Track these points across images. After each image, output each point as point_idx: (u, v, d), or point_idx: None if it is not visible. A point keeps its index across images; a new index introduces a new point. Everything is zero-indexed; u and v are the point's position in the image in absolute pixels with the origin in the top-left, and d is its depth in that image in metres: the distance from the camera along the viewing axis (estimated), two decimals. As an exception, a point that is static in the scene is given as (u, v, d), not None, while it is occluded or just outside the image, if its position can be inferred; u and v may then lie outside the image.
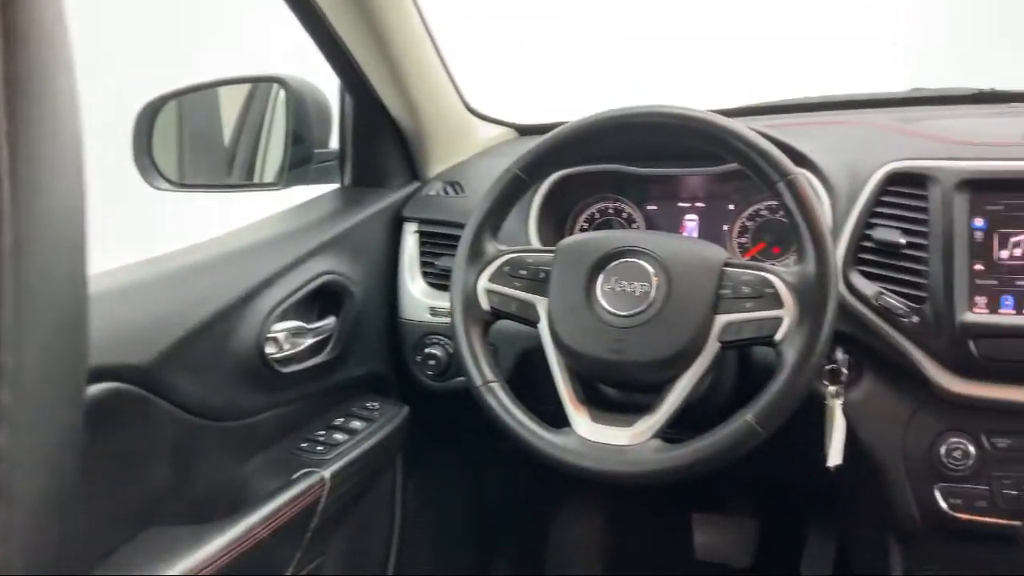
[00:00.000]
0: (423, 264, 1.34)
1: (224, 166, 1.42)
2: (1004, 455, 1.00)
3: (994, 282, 0.99)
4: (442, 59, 1.39)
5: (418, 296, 1.33)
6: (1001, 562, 1.04)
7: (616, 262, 1.00)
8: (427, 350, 1.31)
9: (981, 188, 1.00)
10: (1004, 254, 0.99)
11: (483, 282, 1.05)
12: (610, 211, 1.36)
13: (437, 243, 1.33)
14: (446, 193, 1.37)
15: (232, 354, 1.04)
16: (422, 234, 1.35)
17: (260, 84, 1.38)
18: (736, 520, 1.70)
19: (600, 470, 0.95)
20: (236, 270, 1.09)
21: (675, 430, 0.95)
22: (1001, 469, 1.00)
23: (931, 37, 1.91)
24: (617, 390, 1.11)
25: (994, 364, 0.97)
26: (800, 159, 1.11)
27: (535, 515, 1.80)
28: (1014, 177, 1.00)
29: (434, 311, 1.31)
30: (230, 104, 1.42)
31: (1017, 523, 0.94)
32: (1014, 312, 0.98)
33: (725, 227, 1.29)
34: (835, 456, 1.02)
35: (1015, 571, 0.94)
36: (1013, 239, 0.99)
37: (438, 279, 1.32)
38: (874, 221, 1.05)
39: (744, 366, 1.12)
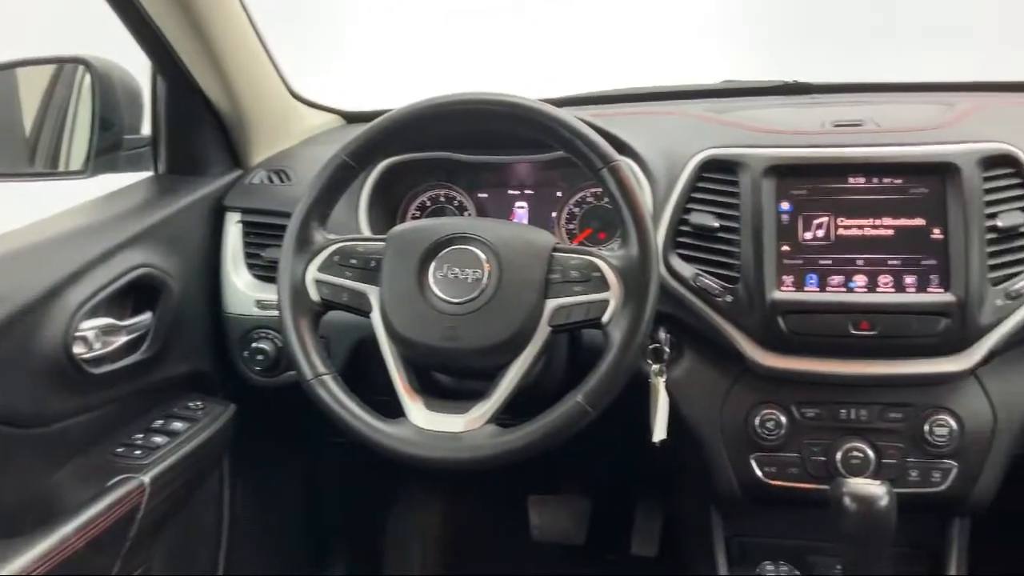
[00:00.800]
0: (248, 256, 1.29)
1: (25, 153, 1.31)
2: (812, 424, 1.08)
3: (799, 261, 1.06)
4: (263, 42, 1.34)
5: (243, 289, 1.27)
6: (813, 525, 1.11)
7: (448, 249, 1.00)
8: (255, 345, 1.26)
9: (786, 174, 1.07)
10: (808, 235, 1.06)
11: (312, 272, 1.02)
12: (441, 199, 1.36)
13: (262, 233, 1.28)
14: (271, 181, 1.32)
15: (36, 355, 0.97)
16: (246, 224, 1.30)
17: (65, 65, 1.28)
18: (570, 500, 1.75)
19: (436, 458, 0.95)
20: (38, 265, 1.01)
21: (510, 415, 0.96)
22: (810, 437, 1.08)
23: (742, 32, 2.02)
24: (452, 377, 1.11)
25: (801, 338, 1.04)
26: (622, 147, 1.15)
27: (372, 509, 1.78)
28: (816, 163, 1.07)
29: (261, 304, 1.26)
30: (31, 87, 1.31)
31: (825, 487, 1.01)
32: (817, 289, 1.05)
33: (553, 214, 1.32)
34: (659, 432, 1.06)
35: (827, 532, 1.01)
36: (816, 221, 1.06)
37: (264, 271, 1.27)
38: (691, 206, 1.10)
39: (574, 349, 1.15)
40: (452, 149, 1.30)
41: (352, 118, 1.57)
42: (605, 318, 0.95)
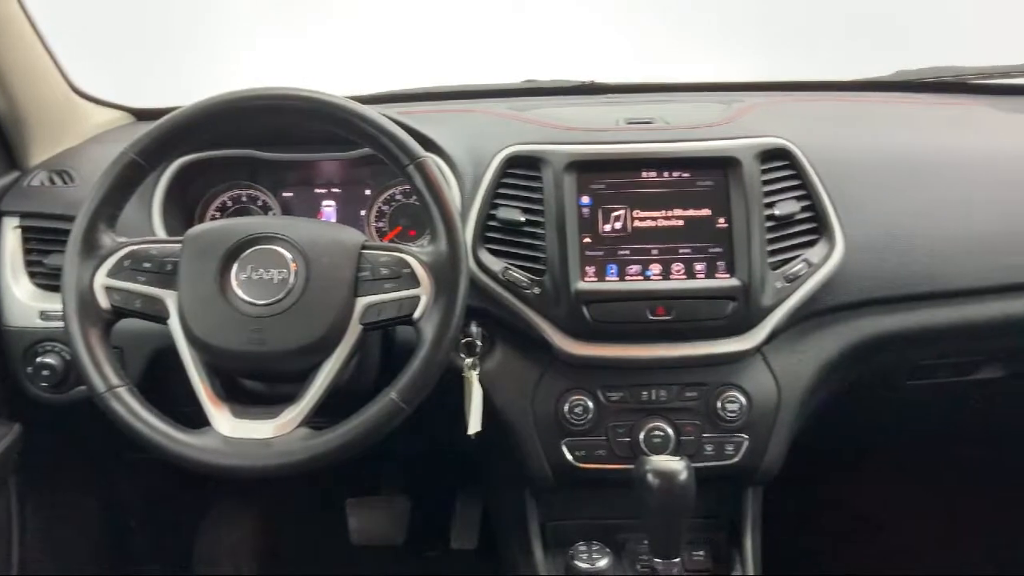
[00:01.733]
0: (29, 264, 1.19)
1: None
2: (617, 407, 1.13)
3: (600, 253, 1.10)
4: (40, 36, 1.24)
5: (24, 300, 1.18)
6: (622, 504, 1.16)
7: (251, 249, 0.97)
8: (40, 359, 1.17)
9: (585, 169, 1.11)
10: (607, 227, 1.11)
11: (100, 278, 0.96)
12: (244, 198, 1.31)
13: (44, 239, 1.19)
14: (52, 183, 1.23)
15: None
16: (25, 230, 1.20)
17: None
18: (389, 501, 1.74)
19: (244, 466, 0.91)
20: None
21: (325, 417, 0.94)
22: (615, 420, 1.13)
23: (541, 34, 2.09)
24: (261, 382, 1.07)
25: (604, 326, 1.09)
26: (428, 144, 1.15)
27: (180, 525, 1.69)
28: (612, 159, 1.12)
29: (45, 315, 1.17)
30: None
31: (630, 466, 1.06)
32: (617, 278, 1.10)
33: (362, 212, 1.31)
34: (475, 424, 1.08)
35: (634, 509, 1.06)
36: (614, 214, 1.11)
37: (48, 279, 1.18)
38: (497, 201, 1.13)
39: (387, 347, 1.14)
40: (255, 147, 1.26)
41: (142, 115, 1.49)
42: (416, 314, 0.95)
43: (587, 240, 1.10)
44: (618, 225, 1.11)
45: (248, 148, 1.26)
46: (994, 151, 1.27)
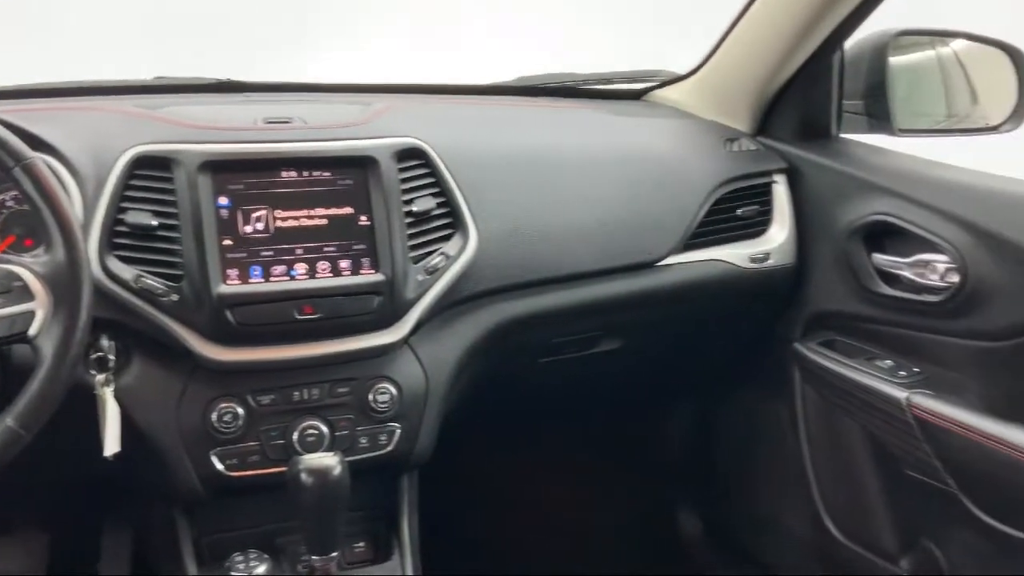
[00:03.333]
0: None
1: None
2: (268, 410, 1.11)
3: (243, 255, 1.08)
4: None
5: None
6: (279, 508, 1.13)
7: None
8: None
9: (222, 169, 1.08)
10: (248, 228, 1.09)
11: None
12: None
13: None
14: None
15: None
16: None
17: None
18: (24, 538, 1.56)
19: None
20: None
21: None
22: (267, 423, 1.11)
23: (173, 30, 1.98)
24: None
25: (250, 329, 1.07)
26: (38, 143, 1.05)
27: None
28: (249, 159, 1.11)
29: None
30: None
31: (284, 469, 1.06)
32: (262, 280, 1.09)
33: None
34: (112, 445, 1.01)
35: (291, 512, 1.06)
36: (255, 214, 1.09)
37: None
38: (125, 205, 1.06)
39: (3, 368, 1.03)
40: None
41: None
42: (32, 331, 0.87)
43: (227, 242, 1.07)
44: (260, 226, 1.09)
45: None
46: (602, 149, 1.44)
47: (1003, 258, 1.19)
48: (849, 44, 1.46)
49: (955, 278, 1.23)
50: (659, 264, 1.38)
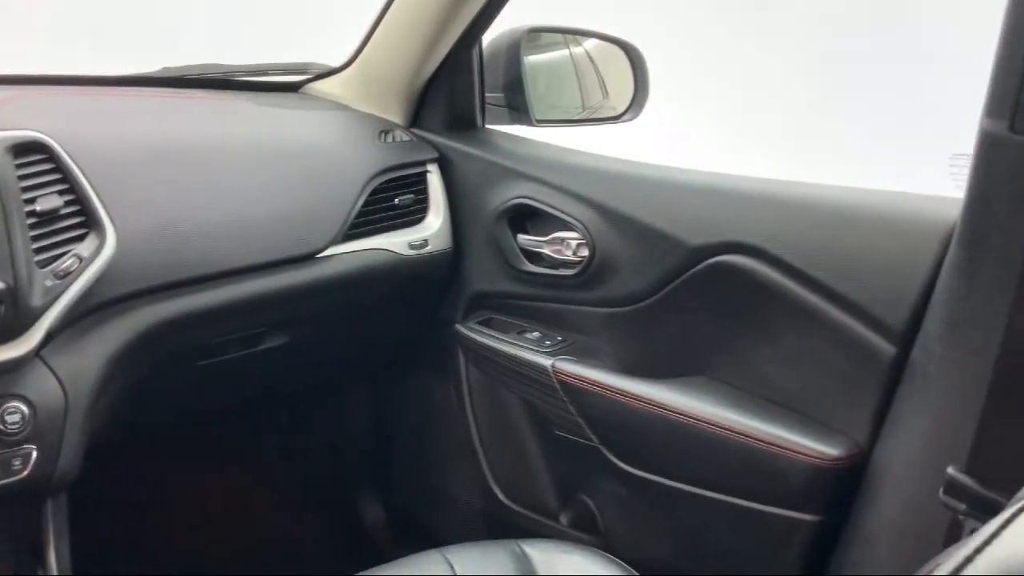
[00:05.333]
0: None
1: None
2: None
3: None
4: None
5: None
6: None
7: None
8: None
9: None
10: None
11: None
12: None
13: None
14: None
15: None
16: None
17: None
18: None
19: None
20: None
21: None
22: None
23: None
24: None
25: None
26: None
27: None
28: None
29: None
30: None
31: None
32: None
33: None
34: None
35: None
36: None
37: None
38: None
39: None
40: None
41: None
42: None
43: None
44: None
45: None
46: (258, 141, 1.41)
47: (622, 232, 1.34)
48: (490, 40, 1.56)
49: (585, 252, 1.37)
50: (320, 256, 1.38)
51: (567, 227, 1.40)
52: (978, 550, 0.41)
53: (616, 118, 1.72)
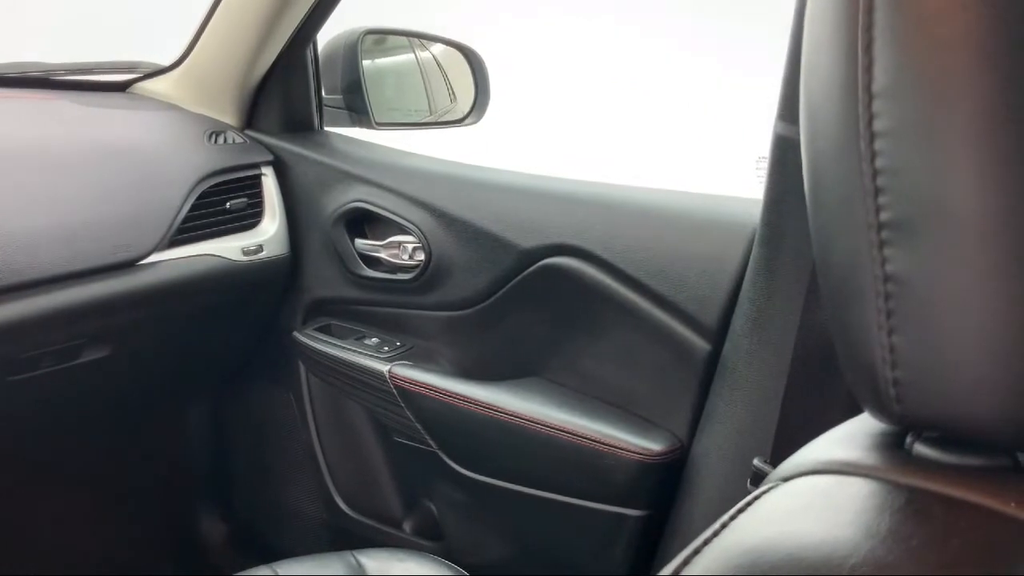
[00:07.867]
0: None
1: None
2: None
3: None
4: None
5: None
6: None
7: None
8: None
9: None
10: None
11: None
12: None
13: None
14: None
15: None
16: None
17: None
18: None
19: None
20: None
21: None
22: None
23: None
24: None
25: None
26: None
27: None
28: None
29: None
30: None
31: None
32: None
33: None
34: None
35: None
36: None
37: None
38: None
39: None
40: None
41: None
42: None
43: None
44: None
45: None
46: (76, 143, 1.33)
47: (457, 235, 1.33)
48: (326, 41, 1.53)
49: (421, 256, 1.36)
50: (142, 263, 1.32)
51: (403, 231, 1.38)
52: (707, 541, 0.42)
53: (458, 121, 1.72)
